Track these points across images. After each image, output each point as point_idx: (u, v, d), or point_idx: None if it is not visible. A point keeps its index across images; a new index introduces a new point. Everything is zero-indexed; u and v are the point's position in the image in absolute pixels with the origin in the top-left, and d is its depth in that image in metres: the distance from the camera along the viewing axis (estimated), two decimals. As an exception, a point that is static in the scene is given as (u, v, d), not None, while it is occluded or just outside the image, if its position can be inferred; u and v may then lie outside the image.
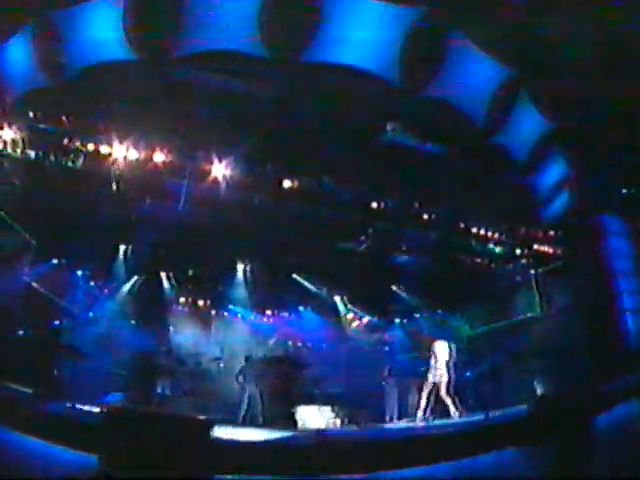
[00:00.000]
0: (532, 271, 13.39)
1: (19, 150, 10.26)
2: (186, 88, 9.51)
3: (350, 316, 17.16)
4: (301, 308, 16.61)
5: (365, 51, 8.93)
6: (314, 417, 10.28)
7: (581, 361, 11.11)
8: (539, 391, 11.33)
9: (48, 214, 11.33)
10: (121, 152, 10.46)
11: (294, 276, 14.96)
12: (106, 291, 13.86)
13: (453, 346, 10.68)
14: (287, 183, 11.54)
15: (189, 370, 13.25)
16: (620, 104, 8.83)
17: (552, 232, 12.83)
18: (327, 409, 10.59)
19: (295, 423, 10.03)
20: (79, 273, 12.99)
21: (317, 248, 14.45)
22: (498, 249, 13.46)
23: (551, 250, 12.93)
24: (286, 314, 16.60)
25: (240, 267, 14.45)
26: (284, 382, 12.26)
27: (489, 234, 13.13)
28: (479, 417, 8.87)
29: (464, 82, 9.60)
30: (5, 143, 10.01)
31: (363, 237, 13.39)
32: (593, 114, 9.48)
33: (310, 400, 11.22)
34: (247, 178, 11.47)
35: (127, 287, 14.06)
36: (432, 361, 10.41)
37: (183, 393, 12.58)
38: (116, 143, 10.46)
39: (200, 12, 8.17)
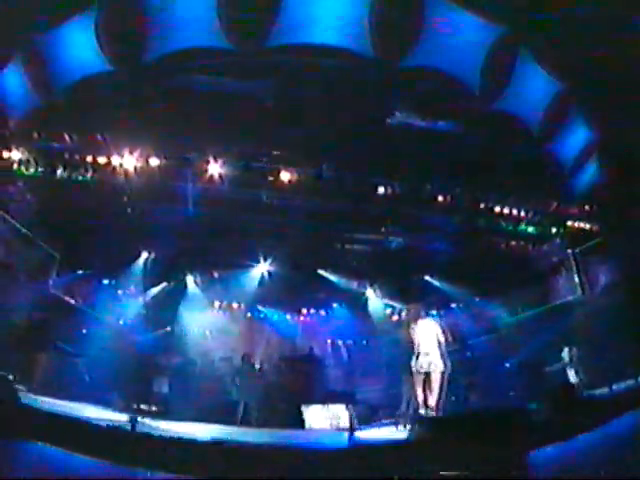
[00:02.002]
0: (569, 250, 12.34)
1: (31, 169, 10.79)
2: (174, 91, 9.52)
3: (388, 310, 16.66)
4: (334, 304, 16.30)
5: (335, 28, 8.52)
6: (322, 417, 9.91)
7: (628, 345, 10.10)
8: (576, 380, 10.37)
9: (67, 227, 11.75)
10: (128, 161, 10.79)
11: (320, 272, 14.67)
12: (134, 298, 14.21)
13: (443, 325, 8.93)
14: (299, 177, 11.42)
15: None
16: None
17: (587, 207, 11.82)
18: (339, 408, 10.16)
19: (302, 423, 9.71)
20: (105, 282, 13.39)
21: (340, 241, 14.22)
22: (531, 229, 12.57)
23: (587, 226, 11.90)
24: (315, 311, 16.34)
25: (263, 266, 14.32)
26: (294, 381, 12.03)
27: (519, 213, 12.34)
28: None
29: (450, 46, 8.91)
30: (17, 163, 10.57)
31: (383, 229, 13.02)
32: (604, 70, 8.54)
33: (330, 399, 10.92)
34: (258, 175, 11.51)
35: (155, 293, 14.35)
36: (417, 346, 8.33)
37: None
38: (122, 153, 10.84)
39: (161, 14, 8.13)
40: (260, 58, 8.91)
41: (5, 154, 10.17)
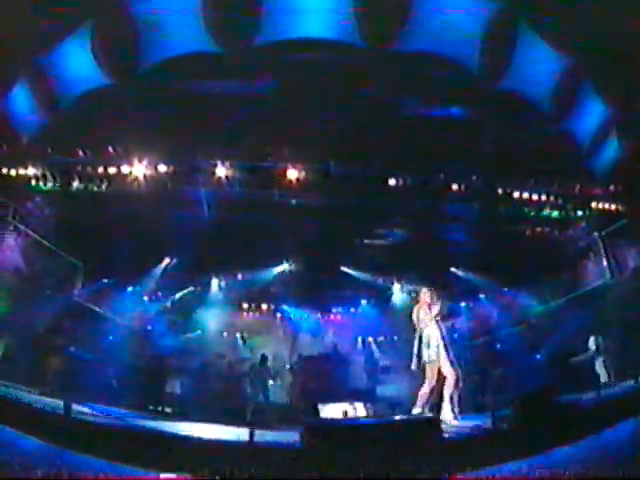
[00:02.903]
0: (596, 233, 11.71)
1: (49, 183, 11.23)
2: (172, 98, 9.66)
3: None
4: (362, 301, 16.12)
5: (323, 19, 8.37)
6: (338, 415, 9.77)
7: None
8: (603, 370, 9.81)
9: (89, 237, 12.12)
10: (139, 170, 11.08)
11: (343, 269, 14.55)
12: (160, 304, 14.54)
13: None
14: (307, 175, 11.39)
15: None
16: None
17: (611, 187, 11.18)
18: (357, 406, 9.98)
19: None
20: (130, 289, 13.77)
21: (359, 237, 14.06)
22: (555, 213, 12.02)
23: (613, 207, 11.26)
24: (343, 309, 16.20)
25: (285, 266, 14.34)
26: (314, 379, 11.93)
27: (540, 198, 11.84)
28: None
29: (444, 27, 8.58)
30: (34, 179, 11.03)
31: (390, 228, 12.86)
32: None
33: (350, 397, 10.77)
34: (267, 175, 11.55)
35: (181, 297, 14.64)
36: (425, 339, 7.37)
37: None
38: (132, 162, 11.15)
39: (150, 24, 8.25)
40: (253, 58, 8.89)
41: (21, 171, 10.69)
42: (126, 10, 8.38)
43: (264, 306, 16.02)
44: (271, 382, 11.56)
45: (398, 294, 15.42)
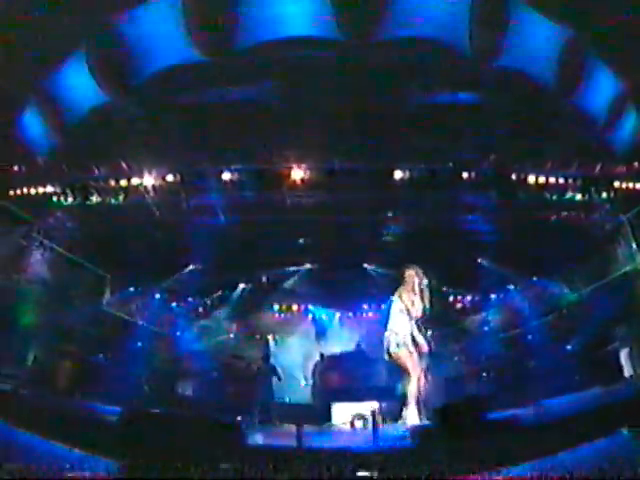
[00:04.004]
0: (622, 215, 11.00)
1: (69, 199, 11.82)
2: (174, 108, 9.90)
3: (450, 298, 15.93)
4: (392, 297, 15.81)
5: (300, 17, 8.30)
6: (350, 414, 9.66)
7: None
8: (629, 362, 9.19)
9: (113, 248, 12.63)
10: (148, 181, 11.51)
11: (366, 266, 14.42)
12: (189, 310, 14.93)
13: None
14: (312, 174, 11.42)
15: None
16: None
17: (636, 164, 10.46)
18: (372, 405, 9.82)
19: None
20: (157, 296, 14.22)
21: (380, 233, 13.88)
22: (576, 197, 11.41)
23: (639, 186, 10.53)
24: (372, 306, 16.00)
25: (308, 266, 14.38)
26: (331, 378, 11.84)
27: (559, 181, 11.28)
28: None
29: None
30: (54, 196, 11.64)
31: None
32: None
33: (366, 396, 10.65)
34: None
35: (210, 301, 14.99)
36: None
37: None
38: (142, 174, 11.59)
39: (136, 39, 8.49)
40: (239, 62, 8.97)
41: (41, 189, 11.31)
42: (116, 29, 8.68)
43: (297, 306, 16.11)
44: (275, 380, 11.55)
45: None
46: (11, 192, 11.03)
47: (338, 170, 11.26)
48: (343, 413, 9.73)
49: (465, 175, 11.14)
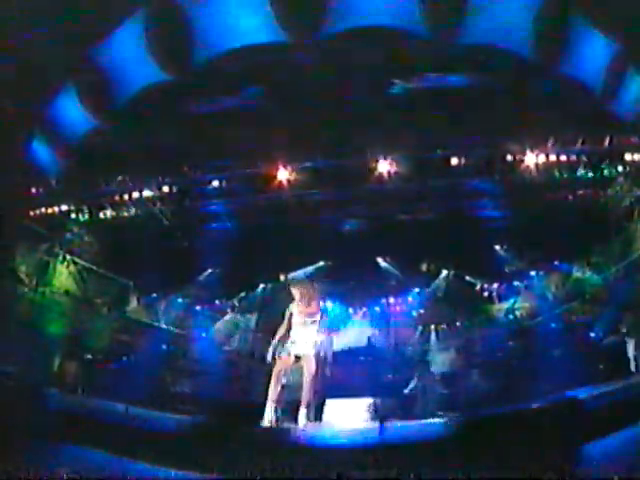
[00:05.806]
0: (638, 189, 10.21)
1: (86, 215, 12.61)
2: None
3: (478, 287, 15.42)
4: (415, 290, 15.53)
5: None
6: (350, 411, 9.62)
7: None
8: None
9: (132, 257, 13.28)
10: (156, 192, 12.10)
11: (379, 260, 14.28)
12: (216, 312, 15.39)
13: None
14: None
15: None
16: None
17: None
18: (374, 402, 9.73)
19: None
20: (180, 300, 14.79)
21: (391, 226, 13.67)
22: (587, 173, 10.75)
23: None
24: (394, 300, 15.70)
25: (322, 264, 14.42)
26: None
27: (569, 158, 10.67)
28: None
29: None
30: (72, 213, 12.46)
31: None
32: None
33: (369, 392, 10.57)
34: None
35: (233, 304, 15.38)
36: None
37: None
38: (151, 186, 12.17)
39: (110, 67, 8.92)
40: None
41: (57, 208, 12.15)
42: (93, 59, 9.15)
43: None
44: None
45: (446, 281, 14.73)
46: (31, 213, 12.02)
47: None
48: (337, 410, 9.70)
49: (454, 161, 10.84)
